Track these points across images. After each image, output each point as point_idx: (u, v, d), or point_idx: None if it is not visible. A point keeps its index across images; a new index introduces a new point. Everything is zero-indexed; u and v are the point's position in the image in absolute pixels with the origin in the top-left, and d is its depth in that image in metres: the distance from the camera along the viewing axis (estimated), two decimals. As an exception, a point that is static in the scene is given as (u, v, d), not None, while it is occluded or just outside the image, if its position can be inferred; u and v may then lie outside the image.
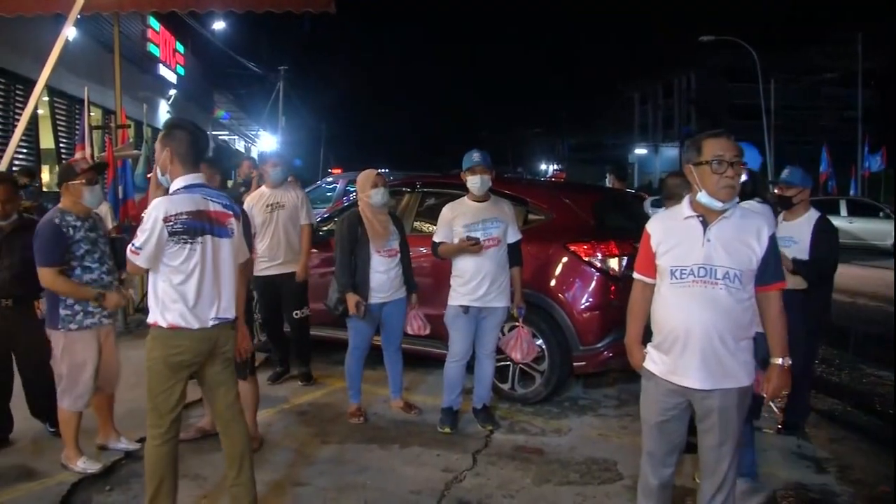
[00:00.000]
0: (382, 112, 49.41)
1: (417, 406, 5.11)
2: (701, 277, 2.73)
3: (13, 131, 10.86)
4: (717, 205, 2.72)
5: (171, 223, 3.00)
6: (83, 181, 3.95)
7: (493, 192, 4.78)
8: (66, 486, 3.82)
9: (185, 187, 3.12)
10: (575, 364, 5.14)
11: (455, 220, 4.67)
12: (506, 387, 5.28)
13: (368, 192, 4.77)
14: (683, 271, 2.76)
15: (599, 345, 5.02)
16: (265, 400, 4.96)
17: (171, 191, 3.13)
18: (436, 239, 4.77)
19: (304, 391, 5.61)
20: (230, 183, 9.13)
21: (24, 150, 12.36)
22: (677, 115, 46.93)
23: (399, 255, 4.89)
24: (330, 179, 14.29)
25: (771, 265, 2.78)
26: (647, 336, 3.00)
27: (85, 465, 4.00)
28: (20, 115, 12.11)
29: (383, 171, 5.55)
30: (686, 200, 2.87)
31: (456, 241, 4.63)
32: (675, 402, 2.85)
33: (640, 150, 48.13)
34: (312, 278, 5.88)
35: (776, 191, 4.60)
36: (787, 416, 4.67)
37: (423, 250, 5.51)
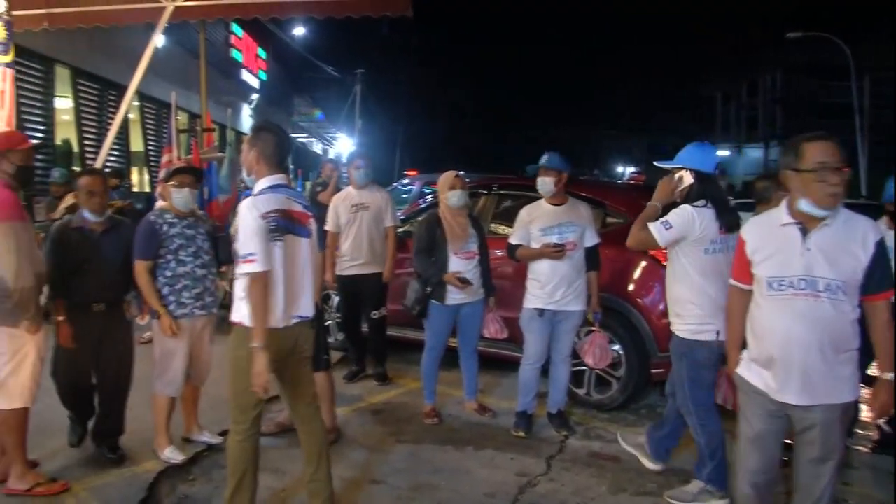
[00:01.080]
0: (459, 114, 49.36)
1: (491, 408, 5.10)
2: (801, 290, 2.60)
3: (106, 134, 11.41)
4: (821, 213, 2.59)
5: (268, 220, 3.07)
6: (173, 184, 4.13)
7: (571, 194, 4.73)
8: (152, 473, 3.97)
9: (270, 187, 3.18)
10: (653, 371, 5.02)
11: (532, 223, 4.65)
12: (581, 392, 5.21)
13: (447, 193, 4.80)
14: (782, 283, 2.64)
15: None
16: (341, 398, 5.05)
17: (256, 191, 3.21)
18: (512, 241, 4.74)
19: (380, 390, 5.67)
20: (307, 184, 9.34)
21: (116, 153, 12.93)
22: (762, 114, 45.26)
23: (477, 257, 4.88)
24: (406, 181, 14.44)
25: (877, 273, 2.61)
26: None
27: (170, 455, 4.15)
28: (112, 118, 12.71)
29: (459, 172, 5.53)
30: (784, 205, 2.73)
31: (533, 244, 4.60)
32: (773, 416, 2.73)
33: (723, 152, 46.69)
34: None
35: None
36: (884, 435, 4.43)
37: (499, 252, 5.50)
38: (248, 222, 3.05)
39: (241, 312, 3.15)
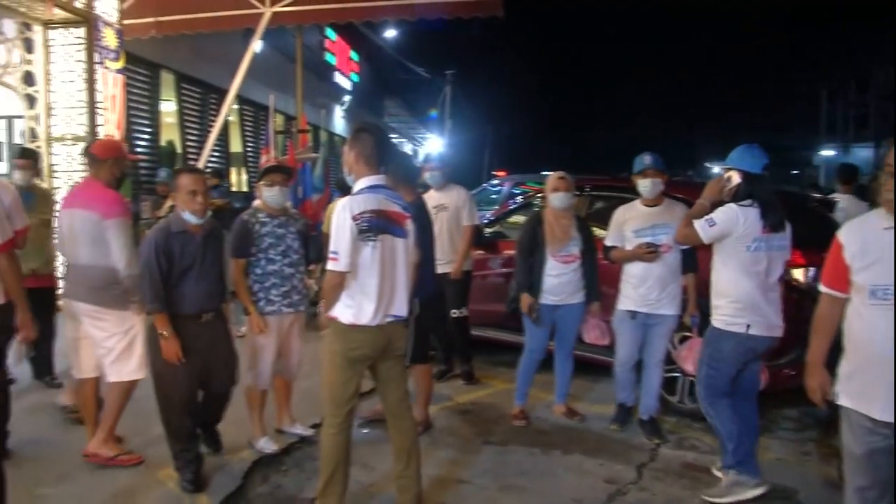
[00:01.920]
0: (549, 113, 49.01)
1: (581, 413, 5.01)
2: None
3: (207, 136, 11.92)
4: None
5: (359, 221, 3.13)
6: (265, 183, 4.27)
7: (666, 195, 4.61)
8: (247, 462, 4.10)
9: (369, 187, 3.24)
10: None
11: (626, 225, 4.59)
12: (674, 399, 5.03)
13: (550, 195, 4.78)
14: (887, 291, 2.45)
15: (781, 361, 4.66)
16: (432, 398, 5.07)
17: (355, 190, 3.28)
18: (607, 242, 4.69)
19: (468, 390, 5.68)
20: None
21: (216, 154, 13.48)
22: (873, 112, 42.75)
23: (577, 261, 4.80)
24: (495, 182, 14.41)
25: None
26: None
27: (264, 445, 4.28)
28: (213, 121, 13.28)
29: (547, 173, 5.51)
30: (884, 208, 2.55)
31: (627, 246, 4.54)
32: (881, 432, 2.53)
33: (828, 152, 44.49)
34: (476, 280, 5.95)
35: None
36: None
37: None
38: (338, 222, 3.14)
39: (337, 309, 3.23)
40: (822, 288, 2.75)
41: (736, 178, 3.75)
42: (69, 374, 4.40)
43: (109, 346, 3.87)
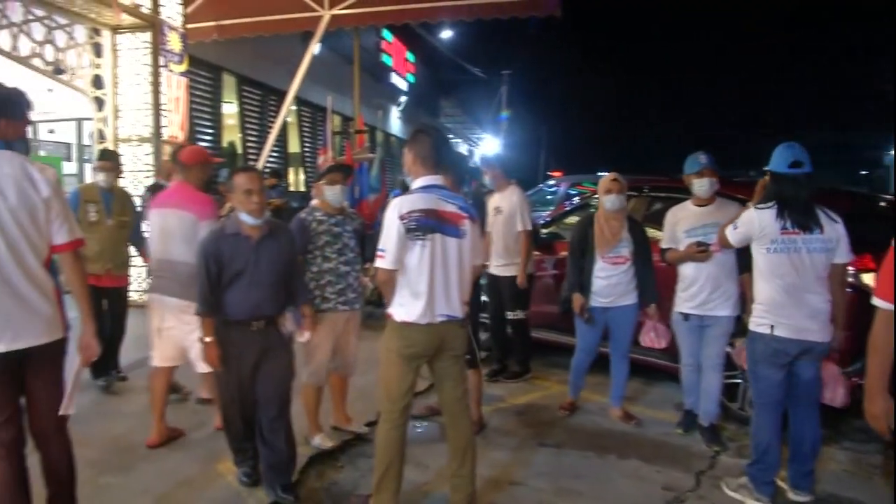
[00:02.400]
0: (607, 113, 48.22)
1: (637, 417, 4.93)
2: None
3: (266, 137, 12.16)
4: None
5: (406, 220, 3.18)
6: (326, 182, 4.33)
7: (720, 195, 4.51)
8: (303, 458, 4.13)
9: (422, 187, 3.30)
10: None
11: (678, 225, 4.53)
12: (735, 406, 4.88)
13: (603, 197, 4.78)
14: None
15: (848, 369, 4.49)
16: (486, 398, 5.05)
17: (410, 190, 3.35)
18: (662, 245, 4.64)
19: (522, 391, 5.64)
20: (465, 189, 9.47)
21: (275, 154, 13.74)
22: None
23: (627, 263, 4.77)
24: (551, 182, 14.30)
25: None
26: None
27: (320, 442, 4.34)
28: (272, 122, 13.54)
29: (603, 174, 5.47)
30: None
31: (680, 247, 4.46)
32: None
33: (898, 151, 42.73)
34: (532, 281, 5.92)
35: None
36: None
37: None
38: (388, 221, 3.23)
39: (392, 307, 3.31)
40: (878, 301, 2.39)
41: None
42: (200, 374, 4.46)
43: (194, 338, 3.94)
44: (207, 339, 3.52)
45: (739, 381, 4.79)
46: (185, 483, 3.82)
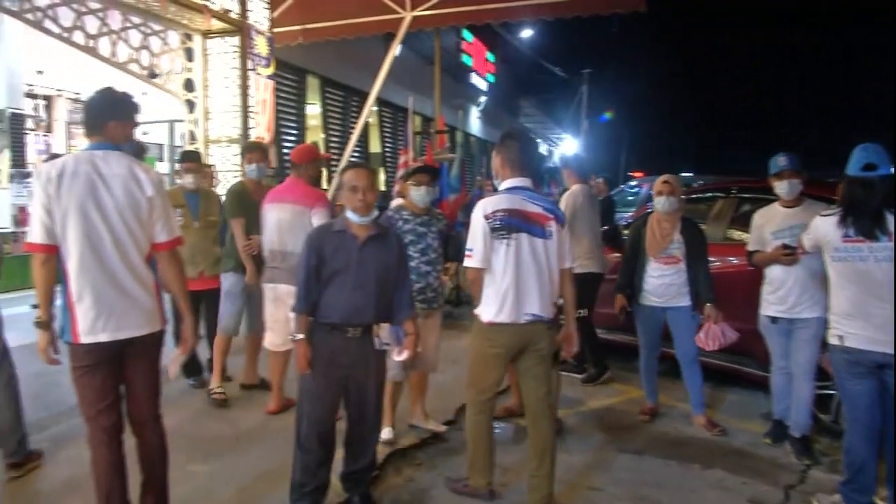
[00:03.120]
0: (691, 113, 46.89)
1: (721, 425, 4.77)
2: None
3: (348, 137, 12.37)
4: None
5: (491, 220, 3.30)
6: (412, 182, 4.39)
7: (809, 196, 4.35)
8: (382, 455, 4.15)
9: (508, 189, 3.40)
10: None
11: (765, 227, 4.42)
12: (827, 418, 4.65)
13: (655, 198, 4.82)
14: None
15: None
16: (564, 401, 5.02)
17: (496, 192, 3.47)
18: (749, 247, 4.52)
19: (602, 395, 5.55)
20: (557, 190, 9.43)
21: (357, 154, 13.95)
22: None
23: (680, 263, 4.71)
24: (633, 183, 14.05)
25: None
26: None
27: (386, 435, 4.34)
28: (354, 122, 13.77)
29: (686, 175, 5.36)
30: None
31: (767, 249, 4.34)
32: None
33: None
34: (606, 283, 5.84)
35: None
36: None
37: (734, 260, 5.18)
38: (474, 221, 3.36)
39: (479, 307, 3.44)
40: None
41: None
42: None
43: None
44: (299, 336, 3.29)
45: (833, 391, 4.56)
46: (265, 475, 3.92)
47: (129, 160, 2.96)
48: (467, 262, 3.35)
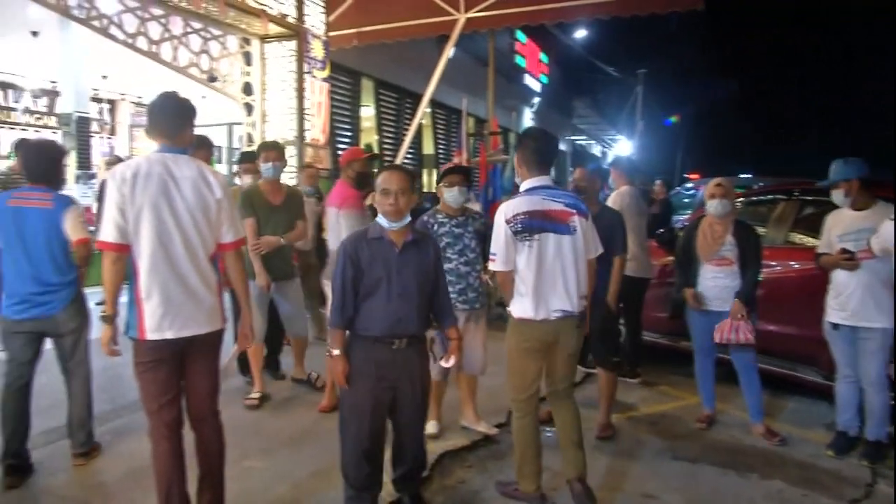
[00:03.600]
0: (747, 113, 45.68)
1: (781, 435, 4.63)
2: None
3: (402, 139, 12.45)
4: None
5: (512, 224, 3.36)
6: (445, 184, 4.42)
7: (882, 198, 4.21)
8: (433, 455, 4.17)
9: (527, 190, 3.47)
10: None
11: (833, 230, 4.31)
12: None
13: (707, 201, 4.72)
14: None
15: None
16: (617, 406, 4.98)
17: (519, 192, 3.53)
18: (818, 249, 4.43)
19: (656, 401, 5.47)
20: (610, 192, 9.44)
21: (410, 155, 14.04)
22: None
23: (734, 265, 4.60)
24: (689, 185, 13.79)
25: None
26: None
27: (430, 429, 4.40)
28: (407, 124, 13.85)
29: (745, 176, 5.27)
30: None
31: (834, 252, 4.22)
32: None
33: None
34: (665, 286, 5.75)
35: None
36: None
37: (795, 264, 5.05)
38: (496, 225, 3.42)
39: (512, 305, 3.51)
40: None
41: None
42: None
43: None
44: (335, 353, 3.12)
45: (900, 403, 4.40)
46: (320, 473, 3.97)
47: (198, 163, 3.07)
48: (492, 266, 3.46)
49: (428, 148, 16.36)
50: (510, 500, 3.67)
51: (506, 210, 3.39)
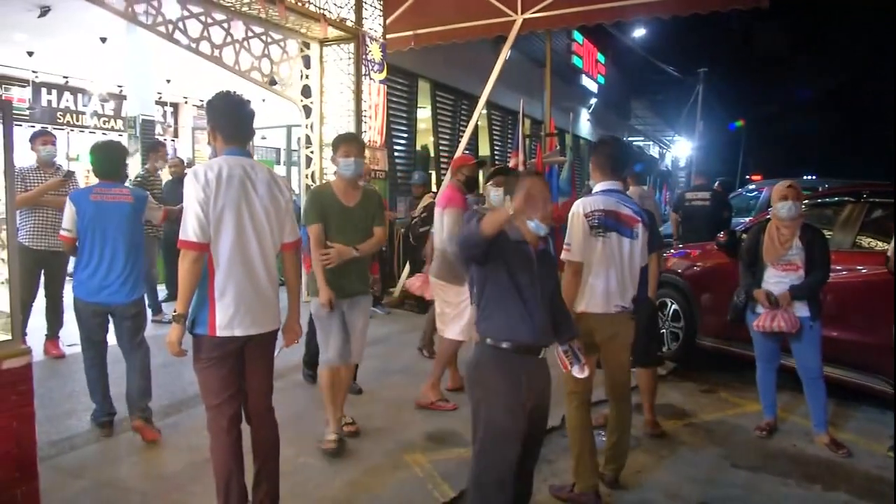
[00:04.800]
0: (812, 113, 44.20)
1: (846, 446, 4.48)
2: None
3: (459, 140, 12.46)
4: None
5: (590, 219, 3.56)
6: (491, 184, 4.65)
7: None
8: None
9: (602, 191, 3.68)
10: None
11: None
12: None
13: (776, 204, 4.56)
14: None
15: None
16: (672, 411, 5.01)
17: (592, 193, 3.73)
18: (889, 252, 4.37)
19: (714, 407, 5.35)
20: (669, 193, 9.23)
21: (466, 157, 14.00)
22: None
23: (800, 270, 4.47)
24: (752, 187, 13.43)
25: None
26: None
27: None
28: (463, 125, 13.85)
29: (809, 178, 5.13)
30: None
31: None
32: None
33: None
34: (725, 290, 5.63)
35: None
36: None
37: (862, 269, 4.88)
38: (573, 218, 3.61)
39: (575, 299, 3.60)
40: None
41: None
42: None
43: (446, 311, 5.09)
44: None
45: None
46: (374, 470, 4.01)
47: (267, 166, 3.20)
48: (565, 256, 3.58)
49: (484, 149, 16.34)
50: (565, 503, 3.65)
51: (584, 205, 3.59)
